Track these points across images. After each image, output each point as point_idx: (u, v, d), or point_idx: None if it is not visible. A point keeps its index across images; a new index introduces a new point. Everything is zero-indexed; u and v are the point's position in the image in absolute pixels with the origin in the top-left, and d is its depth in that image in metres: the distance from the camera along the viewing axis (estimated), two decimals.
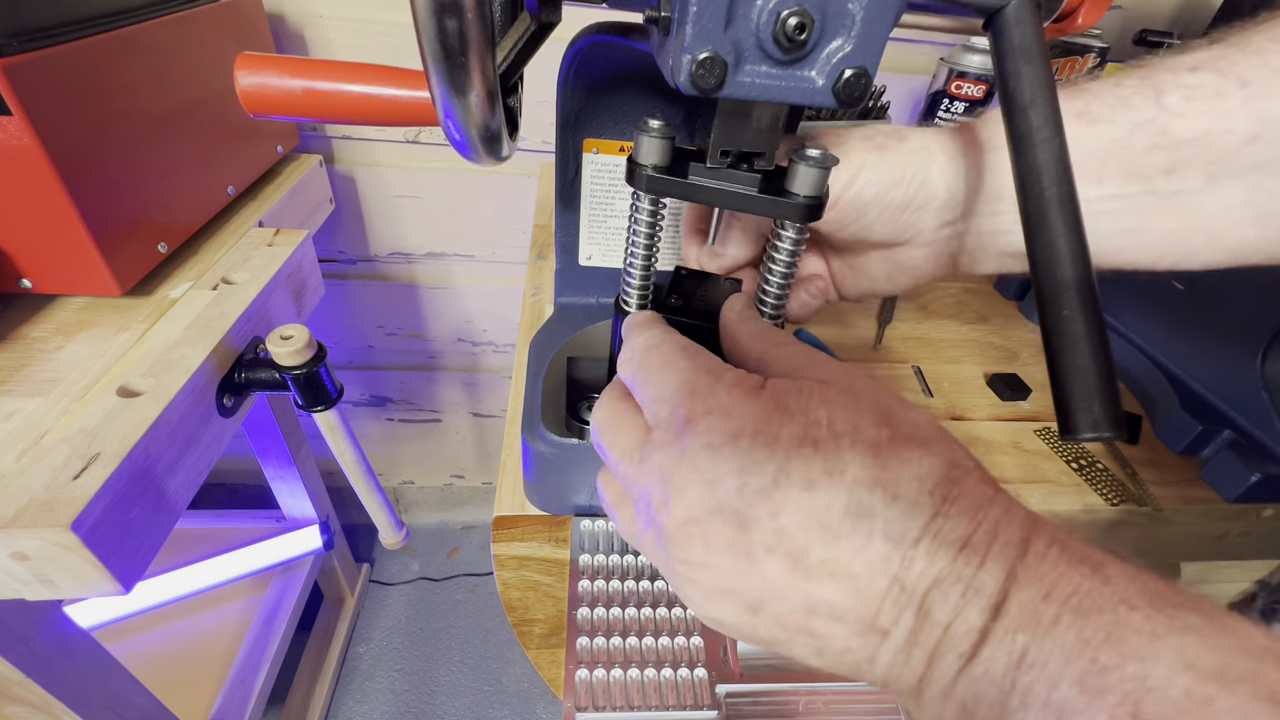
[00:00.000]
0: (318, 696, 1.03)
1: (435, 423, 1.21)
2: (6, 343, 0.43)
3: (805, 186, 0.23)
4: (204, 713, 0.79)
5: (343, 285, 0.98)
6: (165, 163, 0.51)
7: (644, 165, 0.24)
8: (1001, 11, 0.21)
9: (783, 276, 0.26)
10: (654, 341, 0.23)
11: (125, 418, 0.38)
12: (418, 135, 0.83)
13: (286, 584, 0.95)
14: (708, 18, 0.18)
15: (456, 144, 0.23)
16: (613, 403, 0.23)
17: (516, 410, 0.41)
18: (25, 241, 0.43)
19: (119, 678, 0.54)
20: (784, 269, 0.26)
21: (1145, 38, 0.62)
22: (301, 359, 0.47)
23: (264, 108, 0.27)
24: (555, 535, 0.37)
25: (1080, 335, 0.19)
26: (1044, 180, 0.20)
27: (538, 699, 1.11)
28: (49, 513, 0.32)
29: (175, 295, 0.50)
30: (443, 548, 1.33)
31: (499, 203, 0.90)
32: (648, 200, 0.25)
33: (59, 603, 0.47)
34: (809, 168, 0.23)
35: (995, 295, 0.65)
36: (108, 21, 0.45)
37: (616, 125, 0.37)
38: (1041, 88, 0.20)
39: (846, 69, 0.19)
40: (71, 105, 0.41)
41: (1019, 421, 0.47)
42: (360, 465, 0.57)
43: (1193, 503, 0.42)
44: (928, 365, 0.52)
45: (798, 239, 0.25)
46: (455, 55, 0.19)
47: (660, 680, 0.32)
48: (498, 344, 1.09)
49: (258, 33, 0.67)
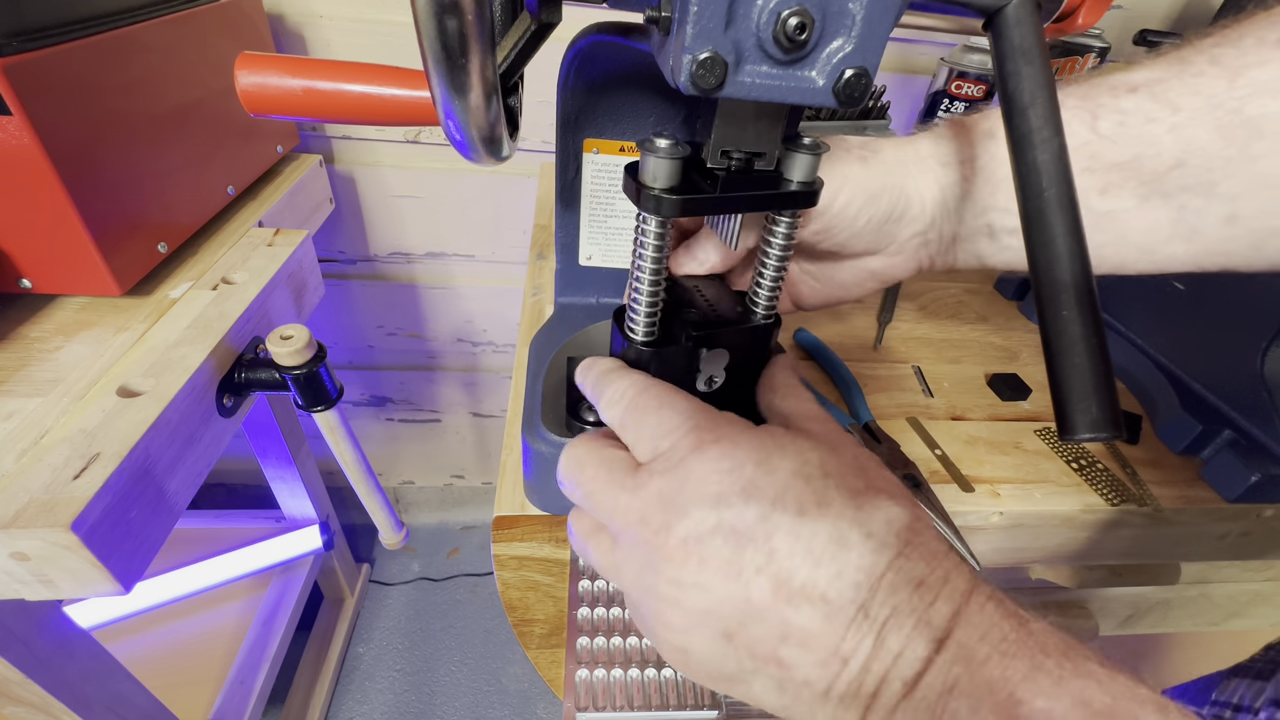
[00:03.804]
0: (318, 696, 1.03)
1: (435, 423, 1.21)
2: (6, 343, 0.43)
3: (800, 173, 0.24)
4: (204, 713, 0.79)
5: (343, 285, 0.98)
6: (165, 163, 0.51)
7: (654, 188, 0.23)
8: (1001, 11, 0.21)
9: (778, 265, 0.26)
10: (644, 384, 0.24)
11: (125, 418, 0.38)
12: (418, 135, 0.83)
13: (286, 584, 0.95)
14: (708, 18, 0.18)
15: (456, 144, 0.23)
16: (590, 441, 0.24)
17: (516, 410, 0.41)
18: (25, 241, 0.43)
19: (119, 678, 0.54)
20: (779, 257, 0.26)
21: (1145, 37, 0.62)
22: (301, 359, 0.47)
23: (264, 107, 0.27)
24: (555, 535, 0.37)
25: (1079, 336, 0.19)
26: (1044, 181, 0.20)
27: (538, 699, 1.11)
28: (49, 513, 0.32)
29: (175, 295, 0.50)
30: (443, 548, 1.33)
31: (499, 203, 0.90)
32: (655, 223, 0.24)
33: (59, 603, 0.47)
34: (802, 155, 0.23)
35: (995, 295, 0.65)
36: (108, 21, 0.45)
37: (616, 125, 0.37)
38: (1041, 88, 0.20)
39: (847, 69, 0.19)
40: (71, 105, 0.41)
41: (1019, 421, 0.47)
42: (360, 465, 0.57)
43: (1193, 503, 0.42)
44: (928, 365, 0.52)
45: (793, 224, 0.25)
46: (455, 55, 0.19)
47: (660, 680, 0.32)
48: (498, 344, 1.09)
49: (258, 33, 0.67)
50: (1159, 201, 0.27)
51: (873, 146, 0.29)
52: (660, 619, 0.21)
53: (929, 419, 0.47)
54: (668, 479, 0.21)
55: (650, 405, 0.23)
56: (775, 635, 0.19)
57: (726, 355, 0.28)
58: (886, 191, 0.28)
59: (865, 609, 0.18)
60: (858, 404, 0.45)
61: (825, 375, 0.50)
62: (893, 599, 0.18)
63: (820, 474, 0.20)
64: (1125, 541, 0.44)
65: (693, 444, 0.21)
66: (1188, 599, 0.66)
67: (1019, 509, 0.40)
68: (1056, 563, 0.54)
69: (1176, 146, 0.25)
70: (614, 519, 0.22)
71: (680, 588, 0.20)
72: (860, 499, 0.20)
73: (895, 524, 0.20)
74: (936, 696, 0.17)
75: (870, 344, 0.54)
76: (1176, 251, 0.28)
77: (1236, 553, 0.46)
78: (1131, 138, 0.26)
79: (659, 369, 0.27)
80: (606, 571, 0.23)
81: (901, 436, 0.44)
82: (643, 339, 0.26)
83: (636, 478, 0.22)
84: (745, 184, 0.24)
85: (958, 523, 0.38)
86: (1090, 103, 0.26)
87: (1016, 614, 0.18)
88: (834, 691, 0.18)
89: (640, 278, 0.25)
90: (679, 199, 0.23)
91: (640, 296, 0.25)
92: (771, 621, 0.19)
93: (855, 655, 0.18)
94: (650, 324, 0.26)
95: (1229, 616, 0.68)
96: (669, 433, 0.22)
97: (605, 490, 0.22)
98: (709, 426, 0.21)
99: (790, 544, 0.19)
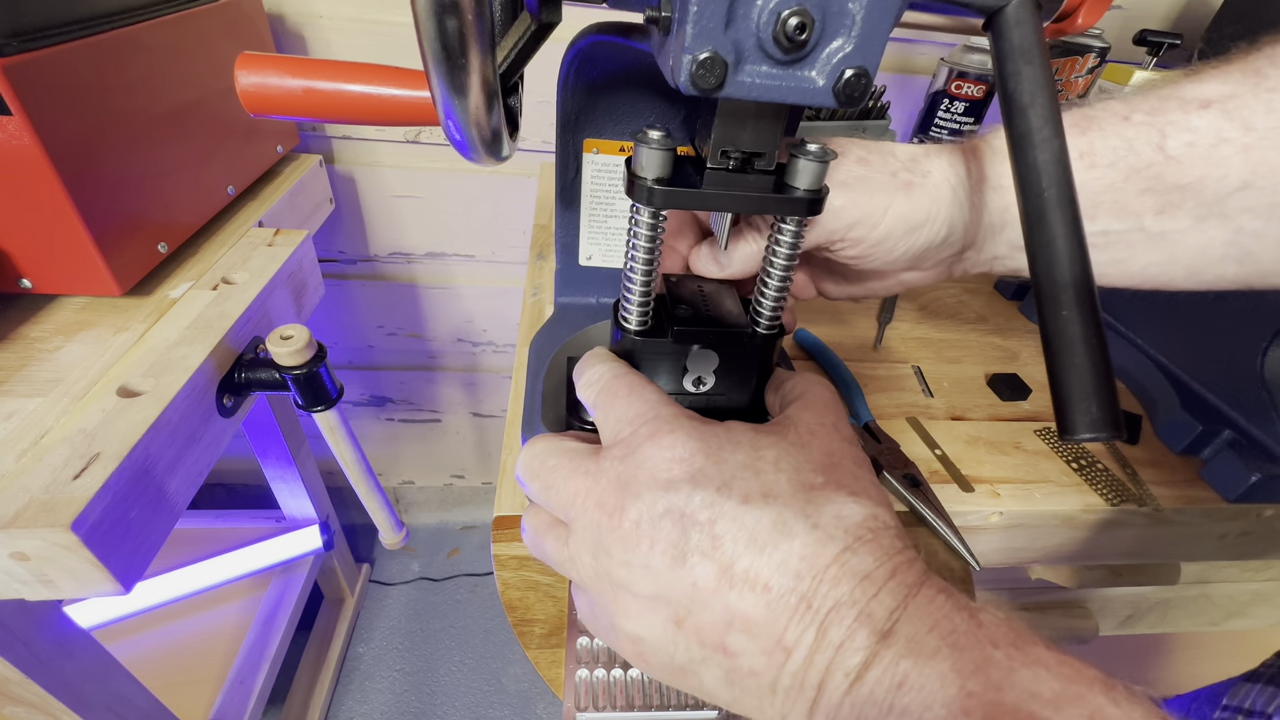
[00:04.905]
0: (318, 696, 1.03)
1: (435, 423, 1.21)
2: (6, 343, 0.43)
3: (806, 180, 0.23)
4: (204, 713, 0.79)
5: (343, 285, 0.98)
6: (165, 163, 0.51)
7: (645, 178, 0.23)
8: (1001, 11, 0.21)
9: (783, 272, 0.26)
10: (620, 371, 0.25)
11: (125, 418, 0.38)
12: (418, 135, 0.83)
13: (286, 584, 0.95)
14: (708, 18, 0.18)
15: (456, 144, 0.23)
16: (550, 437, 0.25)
17: (516, 410, 0.41)
18: (25, 241, 0.43)
19: (119, 678, 0.54)
20: (785, 264, 0.26)
21: (1145, 37, 0.62)
22: (301, 359, 0.47)
23: (264, 107, 0.27)
24: None
25: (1078, 336, 0.19)
26: (1043, 181, 0.20)
27: (538, 699, 1.11)
28: (49, 513, 0.32)
29: (175, 295, 0.50)
30: (443, 548, 1.33)
31: (499, 203, 0.90)
32: (648, 213, 0.24)
33: (59, 603, 0.47)
34: (809, 162, 0.23)
35: (995, 295, 0.65)
36: (108, 21, 0.45)
37: (616, 125, 0.37)
38: (1041, 88, 0.20)
39: (847, 69, 0.19)
40: (71, 105, 0.41)
41: (1019, 421, 0.47)
42: (360, 465, 0.57)
43: (1193, 503, 0.42)
44: (928, 365, 0.52)
45: (798, 232, 0.25)
46: (455, 55, 0.19)
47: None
48: (498, 344, 1.09)
49: (258, 33, 0.67)
50: (1216, 223, 0.26)
51: (921, 168, 0.28)
52: (615, 604, 0.21)
53: (929, 419, 0.47)
54: (625, 464, 0.21)
55: (621, 391, 0.24)
56: (721, 621, 0.19)
57: (715, 358, 0.28)
58: (930, 223, 0.28)
59: (807, 600, 0.18)
60: (858, 404, 0.45)
61: (825, 375, 0.50)
62: (835, 591, 0.18)
63: (772, 468, 0.21)
64: (1125, 541, 0.44)
65: (650, 432, 0.22)
66: (1188, 599, 0.67)
67: (1019, 509, 0.40)
68: (1056, 563, 0.54)
69: (1245, 168, 0.24)
70: (573, 505, 0.22)
71: (631, 570, 0.20)
72: (812, 493, 0.20)
73: (846, 520, 0.20)
74: (885, 692, 0.17)
75: (870, 344, 0.54)
76: (1227, 272, 0.27)
77: (1236, 553, 0.46)
78: (1199, 159, 0.25)
79: (647, 360, 0.28)
80: (562, 565, 0.23)
81: (901, 436, 0.44)
82: (635, 328, 0.27)
83: (598, 462, 0.22)
84: (742, 184, 0.24)
85: (958, 523, 0.38)
86: (1159, 119, 0.25)
87: (968, 606, 0.18)
88: (780, 684, 0.19)
89: (634, 268, 0.26)
90: (670, 190, 0.23)
91: (633, 286, 0.26)
92: (716, 607, 0.19)
93: (798, 646, 0.18)
94: (643, 313, 0.27)
95: (1229, 616, 0.68)
96: (632, 420, 0.23)
97: (567, 479, 0.23)
98: (669, 418, 0.22)
99: (734, 530, 0.19)
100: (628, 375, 0.25)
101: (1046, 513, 0.41)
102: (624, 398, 0.24)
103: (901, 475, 0.39)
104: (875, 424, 0.44)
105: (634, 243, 0.25)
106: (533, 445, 0.25)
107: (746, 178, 0.24)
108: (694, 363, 0.28)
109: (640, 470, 0.21)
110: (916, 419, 0.46)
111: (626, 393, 0.24)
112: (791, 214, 0.24)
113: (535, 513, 0.25)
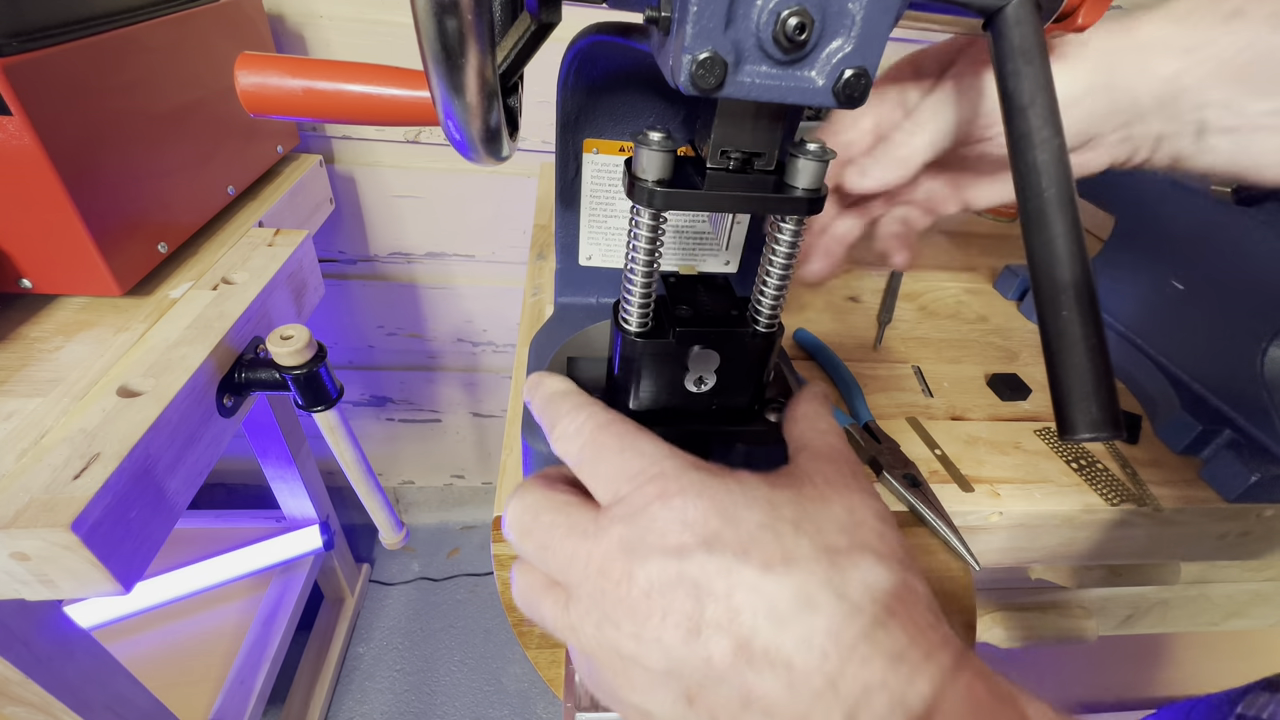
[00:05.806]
0: (318, 696, 1.03)
1: (435, 423, 1.21)
2: (6, 343, 0.43)
3: (806, 180, 0.24)
4: (204, 713, 0.79)
5: (343, 285, 0.98)
6: (165, 163, 0.51)
7: (646, 180, 0.23)
8: (1001, 11, 0.21)
9: (782, 271, 0.26)
10: (604, 420, 0.22)
11: (125, 418, 0.38)
12: (418, 135, 0.83)
13: (286, 584, 0.95)
14: (708, 18, 0.18)
15: (456, 144, 0.23)
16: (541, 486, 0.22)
17: (516, 410, 0.41)
18: (25, 241, 0.43)
19: (119, 678, 0.54)
20: (784, 264, 0.26)
21: None
22: (301, 359, 0.47)
23: (264, 107, 0.27)
24: None
25: (1078, 336, 0.19)
26: (1043, 181, 0.20)
27: (538, 699, 1.11)
28: (49, 513, 0.32)
29: (175, 295, 0.50)
30: (443, 548, 1.33)
31: (499, 203, 0.90)
32: (648, 215, 0.24)
33: (59, 603, 0.47)
34: (808, 161, 0.23)
35: (995, 295, 0.65)
36: (108, 21, 0.45)
37: (616, 125, 0.37)
38: (1041, 88, 0.20)
39: (846, 69, 0.19)
40: (71, 105, 0.41)
41: (1019, 421, 0.47)
42: (360, 465, 0.57)
43: (1193, 503, 0.42)
44: (928, 365, 0.52)
45: (797, 232, 0.25)
46: (455, 55, 0.19)
47: None
48: (498, 344, 1.09)
49: (258, 33, 0.67)
50: None
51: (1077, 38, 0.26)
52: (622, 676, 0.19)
53: (929, 419, 0.47)
54: (630, 526, 0.19)
55: (611, 445, 0.22)
56: (737, 700, 0.18)
57: (716, 357, 0.28)
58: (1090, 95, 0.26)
59: (834, 683, 0.17)
60: (858, 404, 0.45)
61: (825, 375, 0.50)
62: (864, 672, 0.17)
63: (792, 529, 0.19)
64: (1125, 541, 0.44)
65: (656, 491, 0.20)
66: (1187, 599, 0.67)
67: (1019, 509, 0.40)
68: (1056, 563, 0.54)
69: None
70: (572, 569, 0.20)
71: (641, 643, 0.19)
72: (837, 557, 0.19)
73: (875, 588, 0.18)
74: None
75: (870, 344, 0.54)
76: None
77: (1236, 553, 0.46)
78: None
79: (649, 361, 0.27)
80: (561, 631, 0.21)
81: (901, 436, 0.44)
82: (635, 330, 0.27)
83: (598, 523, 0.20)
84: (742, 184, 0.24)
85: (958, 523, 0.38)
86: None
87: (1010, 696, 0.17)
88: None
89: (634, 269, 0.26)
90: (671, 192, 0.23)
91: (633, 287, 0.26)
92: (733, 684, 0.18)
93: None
94: (644, 315, 0.27)
95: (1228, 616, 0.68)
96: (632, 477, 0.20)
97: (564, 539, 0.21)
98: (674, 473, 0.20)
99: (753, 601, 0.18)
100: (613, 425, 0.22)
101: (1046, 513, 0.41)
102: (617, 453, 0.21)
103: (901, 475, 0.39)
104: (875, 424, 0.44)
105: (634, 244, 0.25)
106: (522, 497, 0.22)
107: (746, 178, 0.24)
108: (696, 363, 0.28)
109: (648, 534, 0.19)
110: (916, 419, 0.46)
111: (618, 448, 0.21)
112: (792, 214, 0.25)
113: (528, 571, 0.23)
